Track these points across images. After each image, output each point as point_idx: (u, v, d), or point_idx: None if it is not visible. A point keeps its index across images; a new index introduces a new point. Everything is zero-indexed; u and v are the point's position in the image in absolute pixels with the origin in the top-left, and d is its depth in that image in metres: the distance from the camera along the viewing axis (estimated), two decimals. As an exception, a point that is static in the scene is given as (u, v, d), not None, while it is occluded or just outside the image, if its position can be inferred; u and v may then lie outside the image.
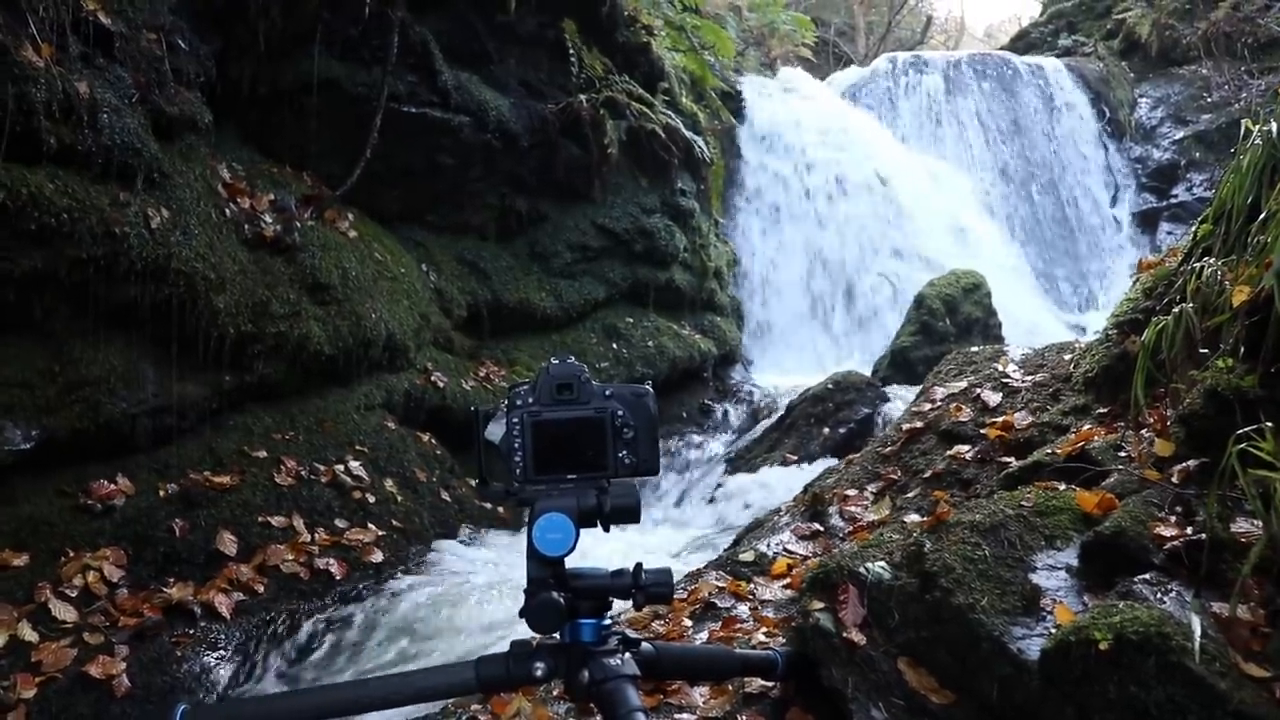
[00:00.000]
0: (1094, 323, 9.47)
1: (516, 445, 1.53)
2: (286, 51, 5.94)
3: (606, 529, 1.54)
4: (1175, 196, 12.05)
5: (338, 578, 4.73)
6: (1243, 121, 3.75)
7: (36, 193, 3.97)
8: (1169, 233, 11.60)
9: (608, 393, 1.58)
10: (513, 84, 7.57)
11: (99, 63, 4.47)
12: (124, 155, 4.40)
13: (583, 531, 1.49)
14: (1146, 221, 12.04)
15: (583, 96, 7.72)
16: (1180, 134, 12.49)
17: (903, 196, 11.24)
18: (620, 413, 1.56)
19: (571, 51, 7.74)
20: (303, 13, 5.89)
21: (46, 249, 4.08)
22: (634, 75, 8.67)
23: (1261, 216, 2.96)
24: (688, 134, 9.01)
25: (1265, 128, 3.42)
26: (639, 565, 1.58)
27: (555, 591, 1.50)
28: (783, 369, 9.77)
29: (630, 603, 1.59)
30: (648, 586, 1.57)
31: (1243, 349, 2.68)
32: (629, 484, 1.57)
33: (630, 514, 1.54)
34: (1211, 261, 3.18)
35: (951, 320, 7.92)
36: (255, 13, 5.64)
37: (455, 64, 6.98)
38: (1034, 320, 9.88)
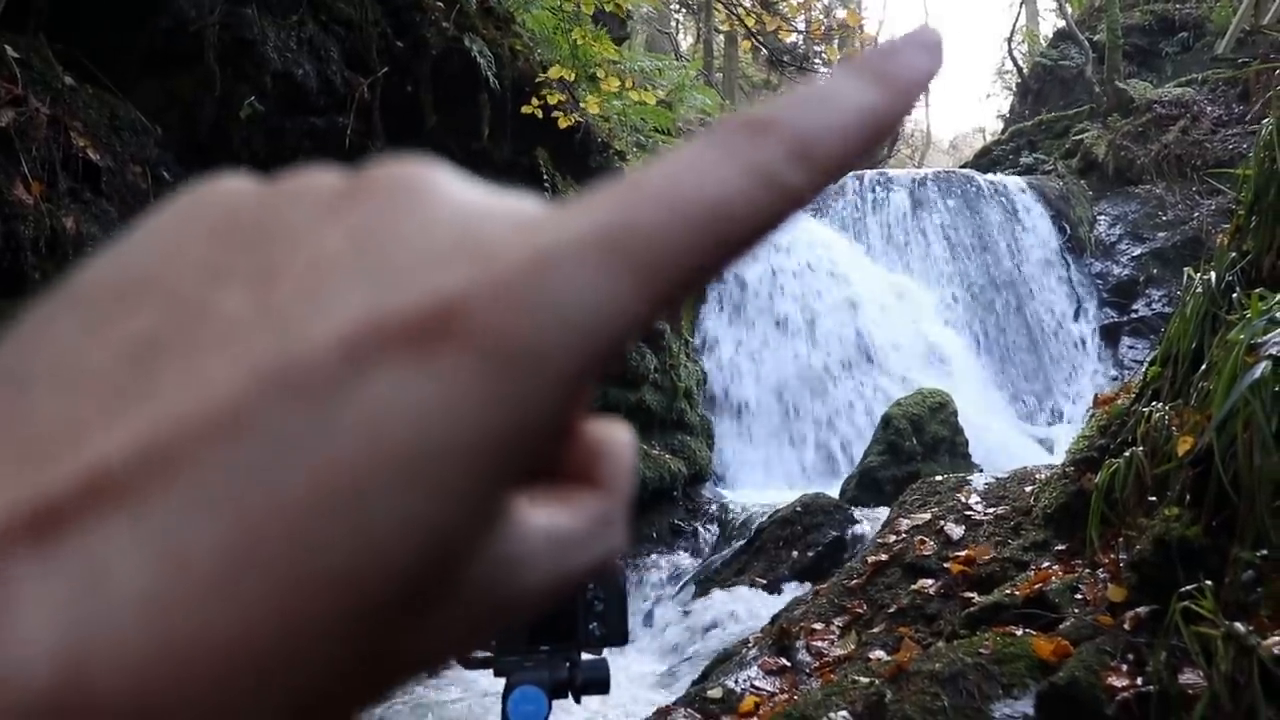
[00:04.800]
0: (1061, 436, 9.59)
1: None
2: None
3: (578, 700, 1.61)
4: (1136, 311, 12.32)
5: None
6: (1185, 270, 3.93)
7: (19, 327, 4.06)
8: (1131, 346, 11.85)
9: (579, 566, 1.65)
10: (488, 209, 7.75)
11: (86, 197, 4.60)
12: (106, 287, 4.51)
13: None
14: (1109, 336, 12.29)
15: (557, 221, 7.90)
16: (1138, 250, 12.82)
17: (871, 313, 11.44)
18: (591, 586, 1.64)
19: (545, 177, 7.96)
20: (285, 144, 6.08)
21: (27, 382, 4.15)
22: (607, 198, 8.88)
23: (1204, 366, 3.11)
24: (659, 255, 9.17)
25: (1205, 276, 3.60)
26: None
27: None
28: (754, 483, 9.81)
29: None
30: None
31: (1188, 497, 2.80)
32: (601, 656, 1.64)
33: (601, 686, 1.60)
34: (1159, 406, 3.31)
35: (918, 439, 7.99)
36: (238, 144, 5.82)
37: (432, 189, 7.15)
38: (1001, 436, 9.94)
